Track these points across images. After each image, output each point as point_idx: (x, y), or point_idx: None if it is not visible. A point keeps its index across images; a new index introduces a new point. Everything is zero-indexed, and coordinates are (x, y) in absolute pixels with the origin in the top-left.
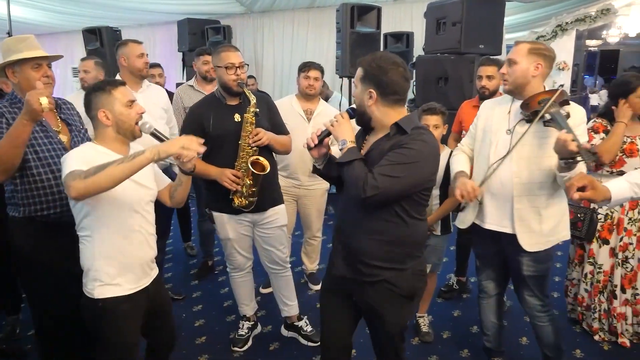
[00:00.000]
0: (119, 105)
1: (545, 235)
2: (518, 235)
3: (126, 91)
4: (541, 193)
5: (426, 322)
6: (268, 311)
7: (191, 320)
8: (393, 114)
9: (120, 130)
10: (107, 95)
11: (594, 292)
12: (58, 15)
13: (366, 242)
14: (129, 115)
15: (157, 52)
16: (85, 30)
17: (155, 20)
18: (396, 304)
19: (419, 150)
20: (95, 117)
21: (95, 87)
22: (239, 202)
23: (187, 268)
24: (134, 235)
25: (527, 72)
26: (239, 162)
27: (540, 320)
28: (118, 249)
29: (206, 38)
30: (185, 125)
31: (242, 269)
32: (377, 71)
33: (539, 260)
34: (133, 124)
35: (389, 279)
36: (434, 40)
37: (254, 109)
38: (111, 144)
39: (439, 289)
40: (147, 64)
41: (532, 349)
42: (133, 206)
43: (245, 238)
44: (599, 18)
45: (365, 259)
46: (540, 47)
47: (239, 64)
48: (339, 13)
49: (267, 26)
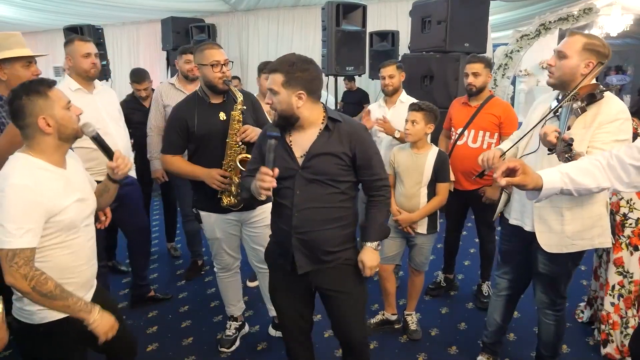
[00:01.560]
0: (58, 108)
1: (568, 238)
2: (537, 234)
3: (60, 92)
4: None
5: (414, 319)
6: (255, 311)
7: (177, 322)
8: (317, 109)
9: (63, 136)
10: (44, 98)
11: (627, 304)
12: (38, 13)
13: (327, 233)
14: (71, 119)
15: (141, 51)
16: (67, 28)
17: (139, 18)
18: (357, 275)
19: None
20: (33, 124)
21: (27, 89)
22: (228, 202)
23: (172, 269)
24: (79, 254)
25: (577, 69)
26: (227, 161)
27: (547, 318)
28: (63, 270)
29: (190, 37)
30: (170, 126)
31: (230, 269)
32: (302, 73)
33: (553, 261)
34: (75, 126)
35: (347, 257)
36: (419, 39)
37: (241, 107)
38: (50, 155)
39: (426, 287)
40: (94, 65)
41: (520, 346)
42: (78, 226)
43: (233, 237)
44: (582, 17)
45: (327, 248)
46: (596, 44)
47: (224, 61)
48: (325, 11)
49: (252, 25)
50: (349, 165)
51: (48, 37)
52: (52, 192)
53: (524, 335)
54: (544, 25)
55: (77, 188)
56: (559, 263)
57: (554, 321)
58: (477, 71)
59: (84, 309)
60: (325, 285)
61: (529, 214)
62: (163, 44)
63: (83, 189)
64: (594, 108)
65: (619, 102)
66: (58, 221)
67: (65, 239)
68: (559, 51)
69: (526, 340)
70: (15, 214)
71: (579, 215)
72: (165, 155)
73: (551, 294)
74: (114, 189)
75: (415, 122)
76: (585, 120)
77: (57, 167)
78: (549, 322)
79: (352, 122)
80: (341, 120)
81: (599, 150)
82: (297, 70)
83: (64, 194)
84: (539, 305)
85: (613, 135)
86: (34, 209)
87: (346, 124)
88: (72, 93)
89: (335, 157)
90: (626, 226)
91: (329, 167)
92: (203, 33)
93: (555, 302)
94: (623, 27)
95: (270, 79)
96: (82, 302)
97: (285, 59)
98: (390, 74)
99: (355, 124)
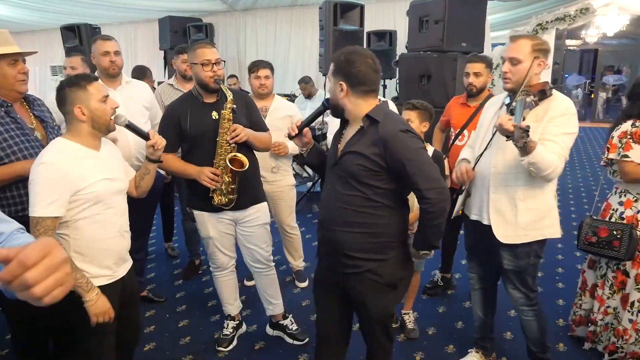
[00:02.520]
0: (94, 100)
1: (522, 229)
2: (493, 226)
3: (100, 86)
4: (517, 184)
5: (411, 318)
6: (253, 310)
7: (175, 321)
8: (364, 105)
9: (96, 125)
10: (83, 91)
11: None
12: (36, 13)
13: (347, 235)
14: (105, 111)
15: (139, 50)
16: (64, 27)
17: (136, 17)
18: (380, 293)
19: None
20: (71, 112)
21: (70, 82)
22: (219, 200)
23: (170, 268)
24: (108, 228)
25: (532, 70)
26: (218, 160)
27: (525, 315)
28: (94, 244)
29: (188, 36)
30: (163, 124)
31: (225, 268)
32: (345, 64)
33: (517, 255)
34: (108, 118)
35: (372, 269)
36: (416, 38)
37: (230, 105)
38: (85, 139)
39: (423, 286)
40: (113, 62)
41: (517, 344)
42: (105, 201)
43: (227, 236)
44: (579, 17)
45: (347, 251)
46: (541, 43)
47: (215, 60)
48: (322, 11)
49: (249, 24)
50: (379, 169)
51: (45, 36)
52: (81, 169)
53: (520, 334)
54: (541, 25)
55: (107, 168)
56: (522, 257)
57: (534, 316)
58: (478, 71)
59: (84, 286)
60: (349, 291)
61: (486, 208)
62: (160, 43)
63: (112, 171)
64: (545, 104)
65: (566, 99)
66: (85, 194)
67: (94, 212)
68: (512, 58)
69: (523, 338)
70: (42, 187)
71: (532, 206)
72: None
73: (523, 289)
74: (153, 169)
75: (409, 121)
76: (537, 114)
77: (90, 149)
78: (528, 318)
79: (391, 124)
80: (380, 120)
81: (550, 141)
82: (342, 61)
83: (93, 172)
84: (515, 304)
85: (562, 128)
86: (59, 183)
87: (384, 125)
88: None
89: (363, 157)
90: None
91: (354, 167)
92: (200, 32)
93: (529, 296)
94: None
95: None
96: (85, 279)
97: (343, 49)
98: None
99: (391, 127)
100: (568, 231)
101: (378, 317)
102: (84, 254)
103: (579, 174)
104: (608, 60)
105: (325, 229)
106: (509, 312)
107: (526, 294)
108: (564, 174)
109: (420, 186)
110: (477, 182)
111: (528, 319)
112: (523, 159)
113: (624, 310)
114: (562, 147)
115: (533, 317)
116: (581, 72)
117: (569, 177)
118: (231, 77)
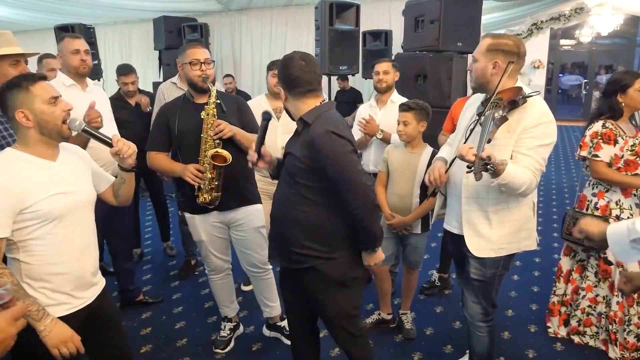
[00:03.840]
0: (39, 103)
1: (495, 242)
2: (466, 239)
3: (47, 86)
4: (488, 197)
5: (409, 318)
6: (250, 312)
7: (171, 323)
8: (302, 106)
9: (44, 131)
10: (25, 92)
11: (629, 302)
12: (29, 12)
13: (290, 231)
14: (53, 114)
15: (133, 50)
16: (58, 27)
17: (131, 17)
18: (329, 291)
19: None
20: (13, 118)
21: (10, 84)
22: (203, 199)
23: (166, 269)
24: (65, 248)
25: (486, 71)
26: (202, 156)
27: (479, 331)
28: (47, 268)
29: (183, 36)
30: (154, 123)
31: (220, 272)
32: (281, 70)
33: (485, 265)
34: (59, 123)
35: (317, 265)
36: (412, 38)
37: (213, 101)
38: (35, 147)
39: (420, 286)
40: (84, 61)
41: (515, 344)
42: (61, 218)
43: (220, 240)
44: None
45: (291, 247)
46: (499, 43)
47: (204, 60)
48: (318, 10)
49: (244, 24)
50: (309, 169)
51: (39, 36)
52: (27, 183)
53: (518, 334)
54: (536, 25)
55: (63, 180)
56: (490, 266)
57: (487, 332)
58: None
59: (34, 315)
60: (303, 285)
61: (457, 217)
62: (155, 43)
63: (70, 183)
64: (517, 113)
65: (542, 106)
66: (32, 212)
67: (47, 231)
68: (473, 56)
69: (520, 338)
70: None
71: (507, 218)
72: (150, 152)
73: (484, 302)
74: (129, 177)
75: (406, 122)
76: (509, 124)
77: (43, 159)
78: (481, 334)
79: (319, 125)
80: (311, 122)
81: (524, 155)
82: (279, 68)
83: (43, 186)
84: (471, 319)
85: (537, 140)
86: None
87: (314, 127)
88: (66, 88)
89: (296, 158)
90: None
91: (291, 167)
92: (195, 32)
93: (488, 311)
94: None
95: None
96: (35, 306)
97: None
98: (385, 70)
99: (318, 129)
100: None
101: (333, 314)
102: (37, 279)
103: (564, 172)
104: (602, 60)
105: (274, 224)
106: (505, 312)
107: (485, 309)
108: (548, 172)
109: (340, 188)
110: (450, 187)
111: (481, 335)
112: (492, 180)
113: (613, 295)
114: (537, 161)
115: (487, 334)
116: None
117: (553, 175)
118: (227, 77)
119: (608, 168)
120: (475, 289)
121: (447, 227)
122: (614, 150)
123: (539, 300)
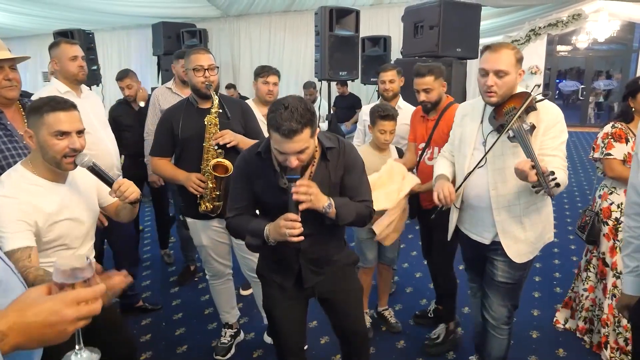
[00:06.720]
0: (45, 132)
1: (532, 244)
2: (505, 248)
3: (64, 118)
4: (520, 202)
5: (391, 313)
6: (250, 318)
7: (171, 329)
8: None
9: (46, 157)
10: (38, 117)
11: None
12: (28, 18)
13: (331, 249)
14: (53, 147)
15: (132, 56)
16: (57, 32)
17: (130, 23)
18: (349, 270)
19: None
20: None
21: (34, 104)
22: (205, 207)
23: (165, 276)
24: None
25: (516, 82)
26: (204, 165)
27: (501, 333)
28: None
29: (182, 42)
30: (158, 128)
31: (221, 277)
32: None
33: (514, 267)
34: (58, 157)
35: (339, 260)
36: (411, 44)
37: (215, 110)
38: (41, 169)
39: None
40: (82, 68)
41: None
42: (67, 243)
43: (221, 245)
44: (571, 23)
45: (330, 258)
46: (518, 52)
47: (207, 66)
48: (318, 16)
49: (243, 30)
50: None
51: (38, 41)
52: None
53: (520, 338)
54: (533, 31)
55: (68, 206)
56: (520, 268)
57: (507, 334)
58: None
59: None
60: (329, 288)
61: (489, 229)
62: (154, 49)
63: (74, 210)
64: (534, 115)
65: (552, 105)
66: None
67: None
68: (499, 70)
69: (523, 343)
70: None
71: (537, 219)
72: (153, 158)
73: (510, 305)
74: (129, 208)
75: (383, 132)
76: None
77: (51, 182)
78: (502, 337)
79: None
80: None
81: (552, 156)
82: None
83: (55, 209)
84: (495, 322)
85: (558, 138)
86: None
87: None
88: (62, 95)
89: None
90: (620, 230)
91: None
92: (194, 38)
93: (512, 314)
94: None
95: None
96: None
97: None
98: (390, 79)
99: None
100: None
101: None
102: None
103: (573, 179)
104: (599, 66)
105: (310, 252)
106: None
107: (510, 312)
108: None
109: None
110: (471, 201)
111: (502, 337)
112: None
113: (605, 298)
114: (562, 158)
115: (507, 335)
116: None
117: None
118: (229, 88)
119: (623, 166)
120: (503, 291)
121: (474, 237)
122: (626, 148)
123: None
